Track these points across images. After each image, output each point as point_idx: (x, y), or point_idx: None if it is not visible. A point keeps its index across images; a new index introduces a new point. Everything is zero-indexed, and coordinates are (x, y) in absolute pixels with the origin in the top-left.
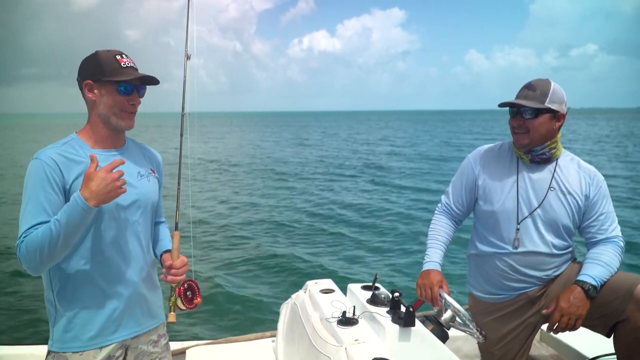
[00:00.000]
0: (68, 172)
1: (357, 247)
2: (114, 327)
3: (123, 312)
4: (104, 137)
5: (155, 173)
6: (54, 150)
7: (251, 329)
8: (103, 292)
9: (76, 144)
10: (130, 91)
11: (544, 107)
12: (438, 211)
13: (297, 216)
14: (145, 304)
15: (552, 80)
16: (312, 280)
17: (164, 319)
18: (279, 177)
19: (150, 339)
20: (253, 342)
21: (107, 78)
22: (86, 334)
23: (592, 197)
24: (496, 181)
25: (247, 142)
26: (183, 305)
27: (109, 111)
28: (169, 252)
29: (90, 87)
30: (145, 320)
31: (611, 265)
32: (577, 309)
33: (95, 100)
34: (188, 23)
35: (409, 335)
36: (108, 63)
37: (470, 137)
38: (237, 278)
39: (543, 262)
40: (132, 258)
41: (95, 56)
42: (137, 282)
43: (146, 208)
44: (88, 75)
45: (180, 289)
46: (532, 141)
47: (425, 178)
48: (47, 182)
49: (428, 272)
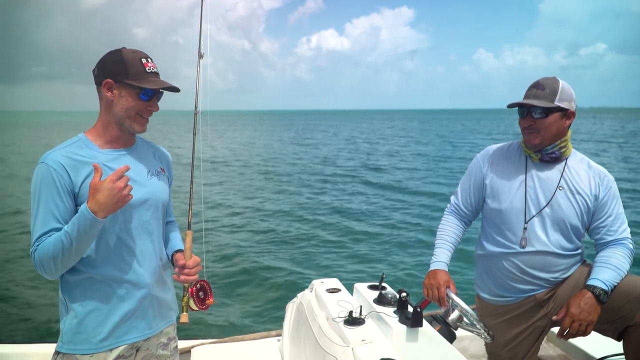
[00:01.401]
0: (76, 175)
1: (363, 246)
2: (126, 329)
3: (135, 313)
4: (114, 136)
5: (165, 172)
6: (60, 153)
7: (257, 327)
8: (115, 294)
9: (84, 144)
10: (150, 97)
11: (554, 105)
12: (447, 211)
13: (303, 215)
14: (157, 305)
15: (560, 78)
16: (318, 279)
17: (175, 321)
18: (286, 176)
19: (161, 341)
20: (259, 341)
21: (130, 81)
22: (97, 335)
23: (601, 198)
24: (504, 180)
25: (256, 141)
26: (195, 306)
27: (124, 113)
28: (180, 252)
29: (110, 86)
30: (157, 322)
31: (621, 268)
32: (588, 314)
33: (113, 100)
34: (202, 22)
35: (417, 335)
36: (133, 65)
37: (473, 137)
38: (243, 276)
39: (551, 263)
40: (145, 258)
41: (120, 55)
42: (150, 282)
43: (157, 207)
44: (110, 74)
45: (193, 289)
46: (543, 141)
47: (432, 179)
48: (55, 188)
49: (435, 272)
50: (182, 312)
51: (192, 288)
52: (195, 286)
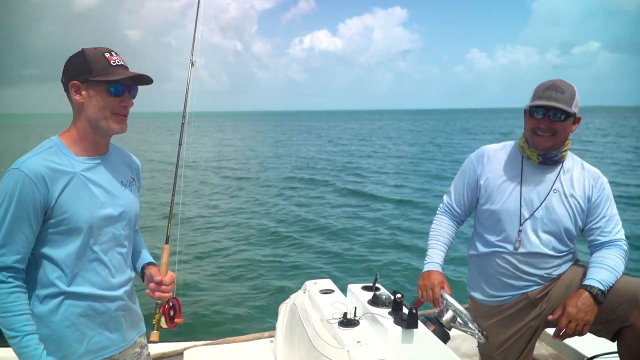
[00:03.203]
0: (53, 185)
1: (355, 247)
2: (103, 344)
3: (111, 327)
4: (90, 143)
5: (135, 182)
6: (39, 161)
7: (249, 329)
8: (90, 309)
9: (60, 151)
10: (121, 92)
11: (572, 111)
12: (439, 211)
13: (292, 216)
14: (130, 317)
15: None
16: (311, 280)
17: (144, 329)
18: (275, 177)
19: (135, 351)
20: (251, 343)
21: (95, 78)
22: (74, 353)
23: (594, 200)
24: (499, 181)
25: (243, 144)
26: (165, 324)
27: (98, 114)
28: (153, 265)
29: (77, 88)
30: (130, 334)
31: (616, 269)
32: (585, 314)
33: (83, 103)
34: (196, 30)
35: (412, 337)
36: (96, 61)
37: (469, 136)
38: (234, 278)
39: (543, 262)
40: (118, 272)
41: (82, 54)
42: (123, 295)
43: (130, 220)
44: (74, 76)
45: (165, 307)
46: (555, 144)
47: (426, 178)
48: (32, 208)
49: (429, 272)
50: (153, 330)
51: (165, 306)
52: (168, 304)
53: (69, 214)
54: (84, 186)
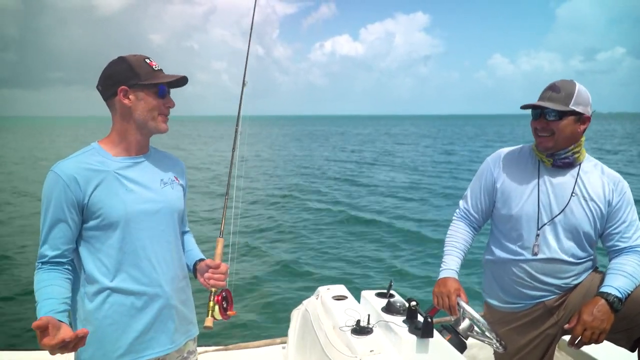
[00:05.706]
0: (87, 184)
1: (370, 253)
2: (146, 344)
3: (155, 326)
4: (132, 144)
5: (179, 181)
6: (73, 163)
7: (261, 335)
8: (133, 306)
9: (97, 153)
10: (165, 94)
11: (568, 109)
12: (456, 217)
13: (308, 220)
14: (178, 318)
15: (577, 82)
16: (324, 285)
17: (196, 334)
18: (293, 182)
19: (181, 355)
20: (263, 349)
21: (144, 82)
22: (116, 351)
23: (615, 204)
24: (516, 184)
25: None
26: (219, 315)
27: (147, 116)
28: (203, 261)
29: (126, 92)
30: (178, 337)
31: (635, 276)
32: (601, 322)
33: (131, 107)
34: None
35: (427, 346)
36: (141, 67)
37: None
38: (247, 283)
39: (562, 270)
40: (162, 267)
41: (125, 61)
42: (169, 293)
43: (172, 216)
44: (122, 81)
45: (219, 298)
46: (556, 144)
47: (444, 184)
48: (65, 204)
49: (445, 279)
50: (208, 316)
51: (218, 296)
52: (221, 294)
53: (104, 209)
54: (118, 183)
